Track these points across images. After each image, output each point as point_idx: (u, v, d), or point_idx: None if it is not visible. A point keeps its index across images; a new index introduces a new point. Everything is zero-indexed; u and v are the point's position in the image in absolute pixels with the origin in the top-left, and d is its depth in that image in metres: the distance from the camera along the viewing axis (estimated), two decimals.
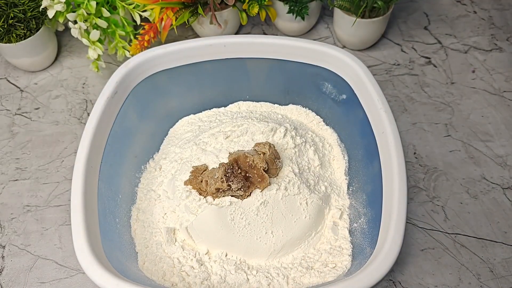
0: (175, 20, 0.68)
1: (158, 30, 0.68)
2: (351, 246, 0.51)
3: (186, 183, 0.53)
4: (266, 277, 0.49)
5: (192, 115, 0.65)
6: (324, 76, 0.61)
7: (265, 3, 0.71)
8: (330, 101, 0.62)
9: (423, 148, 0.64)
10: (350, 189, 0.57)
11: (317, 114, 0.64)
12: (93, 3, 0.64)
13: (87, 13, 0.66)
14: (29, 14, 0.68)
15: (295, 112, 0.65)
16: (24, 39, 0.69)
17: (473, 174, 0.62)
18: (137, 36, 0.67)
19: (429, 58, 0.75)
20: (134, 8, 0.67)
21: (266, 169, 0.52)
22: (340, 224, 0.54)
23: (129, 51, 0.68)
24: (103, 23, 0.66)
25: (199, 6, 0.68)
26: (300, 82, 0.63)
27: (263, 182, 0.51)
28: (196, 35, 0.78)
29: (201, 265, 0.50)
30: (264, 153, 0.52)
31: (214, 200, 0.51)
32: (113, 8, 0.69)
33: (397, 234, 0.44)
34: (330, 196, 0.55)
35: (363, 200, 0.54)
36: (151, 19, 0.68)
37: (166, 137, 0.64)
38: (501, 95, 0.70)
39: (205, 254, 0.51)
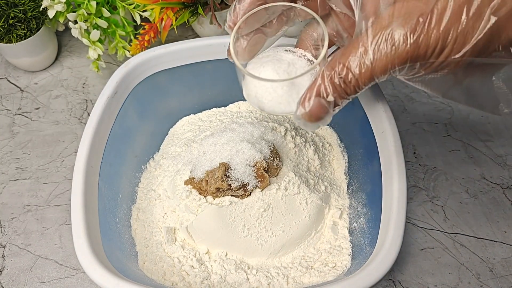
0: (175, 20, 0.68)
1: (158, 30, 0.68)
2: (351, 245, 0.52)
3: (186, 182, 0.54)
4: (266, 277, 0.49)
5: (192, 115, 0.65)
6: None
7: None
8: None
9: (422, 147, 0.64)
10: (350, 188, 0.57)
11: None
12: (94, 3, 0.65)
13: (87, 13, 0.66)
14: (30, 14, 0.68)
15: None
16: (25, 39, 0.69)
17: (473, 173, 0.62)
18: (137, 36, 0.67)
19: None
20: (134, 8, 0.68)
21: (266, 169, 0.52)
22: (340, 224, 0.54)
23: (129, 51, 0.68)
24: (103, 23, 0.66)
25: (199, 6, 0.68)
26: None
27: (263, 182, 0.51)
28: (196, 35, 0.78)
29: (201, 264, 0.50)
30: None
31: (214, 199, 0.51)
32: (113, 8, 0.69)
33: (396, 233, 0.44)
34: (330, 195, 0.55)
35: (362, 200, 0.54)
36: (151, 19, 0.68)
37: (166, 137, 0.64)
38: None
39: (205, 253, 0.51)
